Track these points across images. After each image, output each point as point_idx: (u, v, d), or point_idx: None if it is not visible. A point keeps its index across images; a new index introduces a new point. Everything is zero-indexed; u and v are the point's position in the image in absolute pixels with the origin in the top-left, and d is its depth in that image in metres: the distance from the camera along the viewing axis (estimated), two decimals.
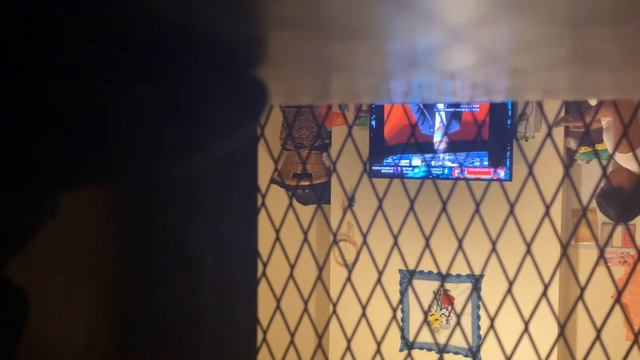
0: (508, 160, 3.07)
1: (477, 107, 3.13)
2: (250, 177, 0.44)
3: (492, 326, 1.27)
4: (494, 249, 1.25)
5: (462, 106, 3.15)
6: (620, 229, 3.19)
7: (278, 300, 1.40)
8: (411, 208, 1.28)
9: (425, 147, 3.24)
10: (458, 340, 3.26)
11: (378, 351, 1.31)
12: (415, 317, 3.44)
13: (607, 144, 2.55)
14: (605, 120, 2.52)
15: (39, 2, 0.22)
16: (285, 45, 0.30)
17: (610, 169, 2.66)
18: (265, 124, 1.29)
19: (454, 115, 3.19)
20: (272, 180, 1.86)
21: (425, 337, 3.37)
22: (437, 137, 3.21)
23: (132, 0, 0.22)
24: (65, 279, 0.32)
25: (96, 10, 0.23)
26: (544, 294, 1.22)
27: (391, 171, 3.27)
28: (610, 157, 1.42)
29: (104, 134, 0.27)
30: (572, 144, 3.18)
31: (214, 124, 0.32)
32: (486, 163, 3.13)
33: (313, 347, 1.52)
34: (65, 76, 0.25)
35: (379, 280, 1.35)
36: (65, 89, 0.25)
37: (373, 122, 3.34)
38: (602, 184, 2.71)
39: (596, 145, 2.87)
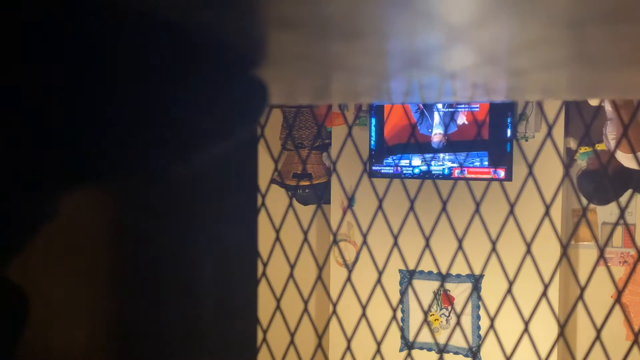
0: (508, 160, 3.07)
1: (477, 107, 3.13)
2: (250, 177, 0.44)
3: (492, 326, 1.27)
4: (494, 249, 1.25)
5: (460, 106, 3.15)
6: (620, 229, 3.19)
7: (278, 300, 1.40)
8: (411, 208, 1.28)
9: (425, 147, 3.24)
10: (458, 340, 3.26)
11: (378, 351, 1.31)
12: (415, 317, 3.44)
13: (609, 135, 2.53)
14: (610, 111, 2.51)
15: (38, 1, 0.22)
16: (286, 45, 0.30)
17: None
18: (265, 124, 1.29)
19: (453, 118, 3.19)
20: (272, 180, 1.86)
21: (425, 337, 3.37)
22: (436, 130, 3.21)
23: None
24: (65, 279, 0.32)
25: (93, 8, 0.23)
26: (544, 294, 1.22)
27: (391, 171, 3.27)
28: (612, 155, 1.42)
29: (104, 134, 0.27)
30: (572, 144, 3.18)
31: (214, 124, 0.32)
32: (486, 163, 3.13)
33: (313, 347, 1.52)
34: (65, 76, 0.25)
35: (379, 280, 1.35)
36: (64, 88, 0.25)
37: (373, 122, 3.34)
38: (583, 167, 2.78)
39: (596, 145, 2.87)
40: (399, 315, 3.48)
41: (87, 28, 0.24)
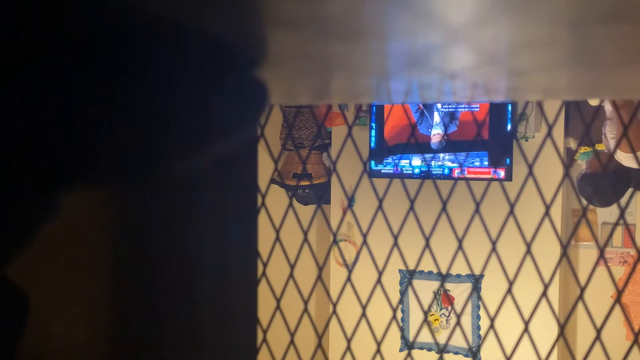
0: (508, 160, 3.07)
1: (477, 107, 3.13)
2: (250, 177, 0.44)
3: (492, 326, 1.27)
4: (494, 249, 1.25)
5: (460, 106, 3.15)
6: (620, 229, 3.19)
7: (278, 300, 1.40)
8: (411, 208, 1.28)
9: (425, 147, 3.24)
10: (458, 340, 3.26)
11: (378, 351, 1.31)
12: (415, 317, 3.44)
13: (608, 134, 2.52)
14: (610, 111, 2.50)
15: (36, 1, 0.22)
16: (286, 45, 0.30)
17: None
18: (265, 124, 1.29)
19: (452, 117, 3.19)
20: (272, 180, 1.86)
21: (425, 337, 3.37)
22: (435, 131, 3.21)
23: None
24: (65, 279, 0.33)
25: (92, 9, 0.23)
26: (544, 294, 1.22)
27: (391, 171, 3.27)
28: (611, 155, 1.42)
29: (104, 134, 0.27)
30: (572, 144, 3.18)
31: (214, 124, 0.32)
32: (486, 163, 3.13)
33: (313, 347, 1.52)
34: (64, 76, 0.25)
35: (379, 280, 1.35)
36: (64, 88, 0.25)
37: (373, 122, 3.34)
38: (583, 170, 2.78)
39: (596, 145, 2.86)
40: (399, 315, 3.48)
41: (84, 27, 0.24)
